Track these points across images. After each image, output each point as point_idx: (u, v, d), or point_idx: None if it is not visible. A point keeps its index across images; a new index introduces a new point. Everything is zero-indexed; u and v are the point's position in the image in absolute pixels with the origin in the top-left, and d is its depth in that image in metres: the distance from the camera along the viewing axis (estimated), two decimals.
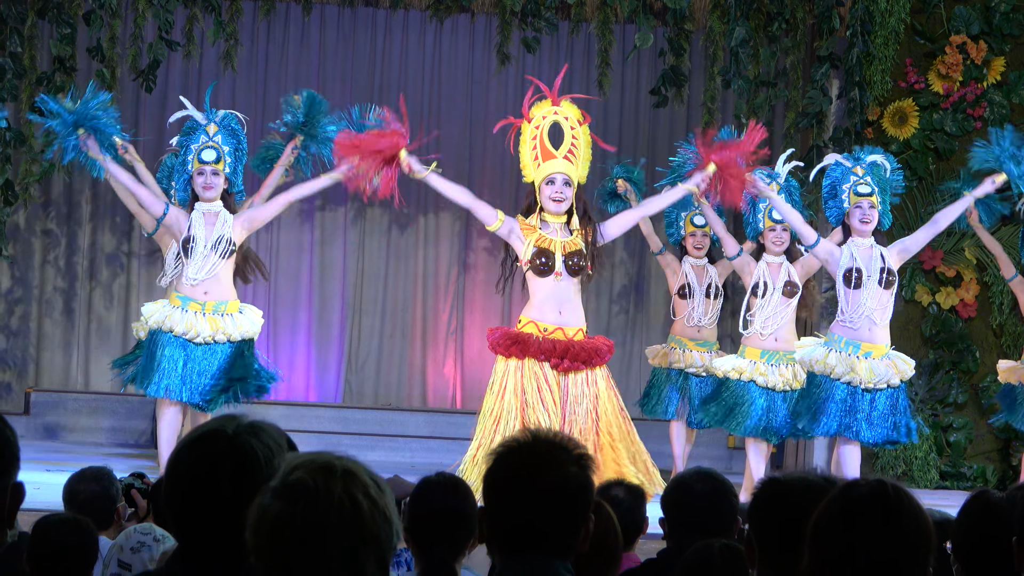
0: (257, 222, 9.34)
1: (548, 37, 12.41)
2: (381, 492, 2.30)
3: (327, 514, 2.24)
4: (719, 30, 11.86)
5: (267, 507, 2.26)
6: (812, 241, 9.23)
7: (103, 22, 11.52)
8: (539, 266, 8.29)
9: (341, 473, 2.27)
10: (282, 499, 2.26)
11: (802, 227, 9.27)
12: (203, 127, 9.21)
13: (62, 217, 13.42)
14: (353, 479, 2.28)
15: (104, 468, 5.30)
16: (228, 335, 9.08)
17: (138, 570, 4.25)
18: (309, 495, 2.25)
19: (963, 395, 12.06)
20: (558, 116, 8.53)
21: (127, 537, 4.35)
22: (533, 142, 8.48)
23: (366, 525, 2.26)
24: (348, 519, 2.25)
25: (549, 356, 8.21)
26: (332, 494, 2.25)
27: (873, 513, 2.48)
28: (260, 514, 2.27)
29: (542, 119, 8.51)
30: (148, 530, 4.35)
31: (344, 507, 2.25)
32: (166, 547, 4.32)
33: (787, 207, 9.37)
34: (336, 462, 2.29)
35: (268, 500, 2.27)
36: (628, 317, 13.83)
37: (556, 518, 2.85)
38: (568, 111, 8.57)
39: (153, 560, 4.27)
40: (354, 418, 12.83)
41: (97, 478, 5.18)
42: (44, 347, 13.38)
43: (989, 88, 12.15)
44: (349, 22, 13.63)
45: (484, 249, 13.63)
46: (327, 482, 2.26)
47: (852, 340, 9.10)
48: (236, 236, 9.16)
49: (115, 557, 4.34)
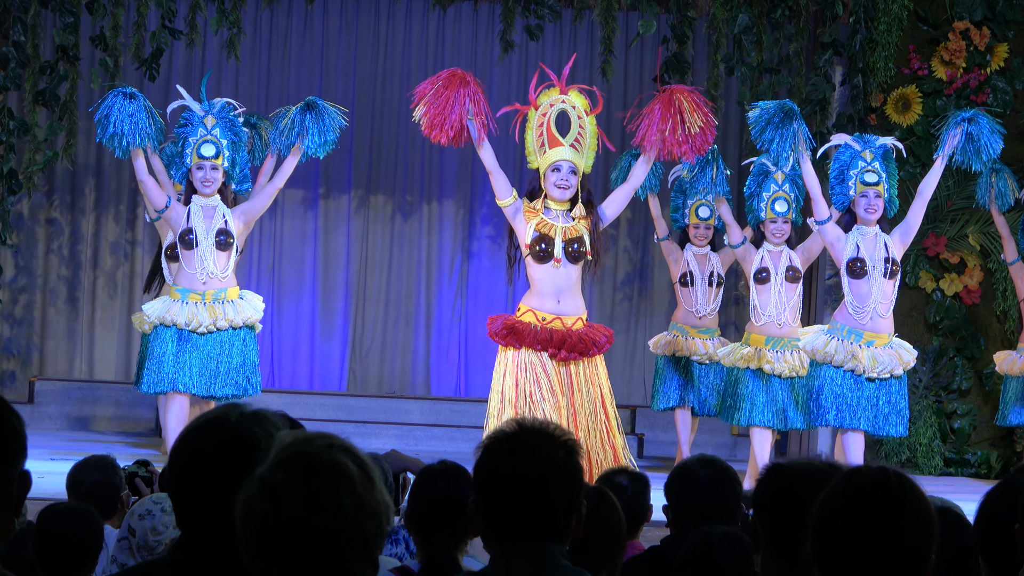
0: (253, 214, 9.32)
1: (551, 24, 12.41)
2: (370, 485, 2.29)
3: (309, 516, 2.24)
4: (722, 17, 11.85)
5: (252, 505, 2.27)
6: (824, 217, 9.20)
7: (106, 11, 11.52)
8: (539, 252, 8.27)
9: (327, 470, 2.27)
10: (265, 499, 2.26)
11: (819, 199, 9.19)
12: (200, 119, 9.20)
13: (66, 206, 13.43)
14: (339, 476, 2.27)
15: (107, 456, 5.30)
16: (230, 321, 9.08)
17: (140, 536, 4.26)
18: (291, 496, 2.24)
19: (967, 382, 12.06)
20: (565, 105, 8.49)
21: (140, 503, 4.35)
22: (540, 129, 8.44)
23: (349, 525, 2.26)
24: (331, 520, 2.25)
25: (546, 346, 8.18)
26: (315, 495, 2.24)
27: (877, 501, 2.48)
28: (246, 510, 2.28)
29: (549, 107, 8.47)
30: (160, 499, 4.35)
31: (327, 508, 2.24)
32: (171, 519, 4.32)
33: (812, 174, 9.28)
34: (324, 455, 2.29)
35: (254, 495, 2.27)
36: (632, 304, 13.83)
37: (547, 503, 2.88)
38: (576, 100, 8.54)
39: (155, 530, 4.28)
40: (358, 406, 12.85)
41: (101, 467, 5.18)
42: (48, 336, 13.39)
43: (992, 74, 12.14)
44: (352, 10, 13.63)
45: (487, 236, 13.63)
46: (310, 481, 2.25)
47: (855, 328, 9.11)
48: (235, 229, 9.15)
49: (127, 521, 4.34)
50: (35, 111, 11.64)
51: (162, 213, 9.22)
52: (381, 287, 13.73)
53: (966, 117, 9.31)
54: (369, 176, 13.70)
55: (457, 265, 13.71)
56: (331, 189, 13.65)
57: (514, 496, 2.88)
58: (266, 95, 13.48)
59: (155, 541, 4.27)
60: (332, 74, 13.53)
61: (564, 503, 2.89)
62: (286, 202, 13.59)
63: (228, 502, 2.42)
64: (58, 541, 4.17)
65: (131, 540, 4.30)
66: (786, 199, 9.89)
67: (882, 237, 9.18)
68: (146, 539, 4.28)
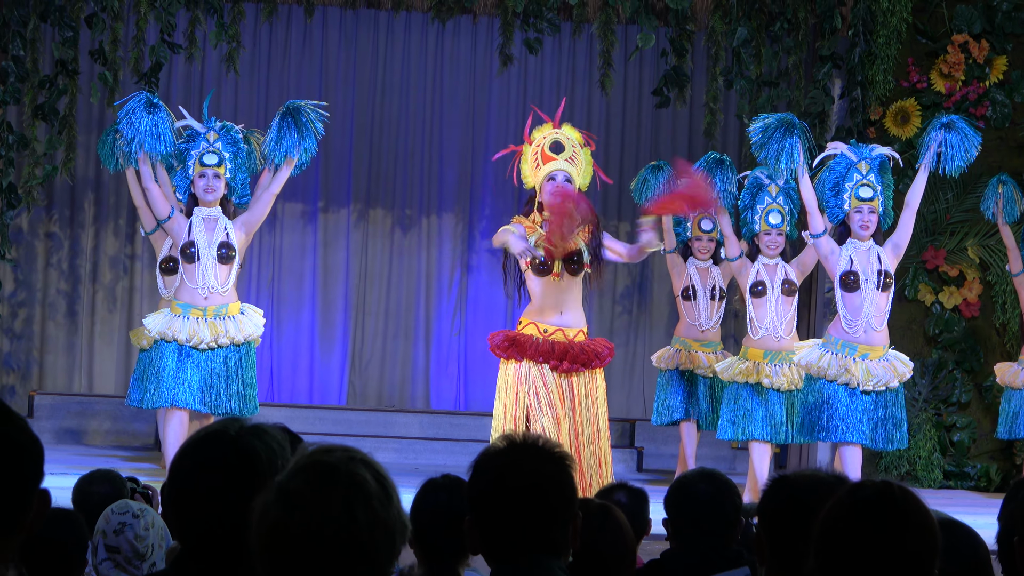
0: (253, 224, 9.33)
1: (550, 38, 12.41)
2: (387, 501, 2.28)
3: (322, 527, 2.23)
4: (721, 30, 11.86)
5: (267, 511, 2.26)
6: (820, 231, 9.19)
7: (105, 25, 11.53)
8: (538, 266, 8.27)
9: (345, 481, 2.26)
10: (279, 506, 2.25)
11: (815, 213, 9.18)
12: (203, 135, 9.24)
13: (65, 220, 13.43)
14: (356, 490, 2.25)
15: (112, 470, 5.31)
16: (231, 338, 9.10)
17: (126, 550, 4.25)
18: (305, 505, 2.24)
19: (966, 394, 12.05)
20: (560, 136, 8.52)
21: (106, 521, 4.34)
22: (534, 155, 8.47)
23: (363, 541, 2.25)
24: (343, 533, 2.23)
25: (548, 358, 8.18)
26: (329, 506, 2.24)
27: (879, 515, 2.48)
28: (260, 516, 2.27)
29: (543, 138, 8.50)
30: (124, 508, 4.35)
31: (340, 521, 2.23)
32: (146, 520, 4.33)
33: (810, 188, 9.27)
34: (343, 467, 2.27)
35: (270, 501, 2.26)
36: (631, 318, 13.83)
37: (541, 517, 2.88)
38: (569, 132, 8.57)
39: (138, 537, 4.27)
40: (357, 420, 12.83)
41: (108, 479, 5.18)
42: (48, 350, 13.39)
43: (991, 87, 12.15)
44: (351, 23, 13.64)
45: (487, 250, 13.62)
46: (326, 492, 2.24)
47: (848, 342, 9.09)
48: (237, 241, 9.17)
49: (100, 543, 4.34)
50: (34, 125, 11.64)
51: (163, 223, 9.23)
52: (380, 301, 13.73)
53: (943, 123, 9.31)
54: (368, 190, 13.70)
55: (456, 278, 13.71)
56: (330, 203, 13.65)
57: (508, 512, 2.87)
58: (266, 109, 13.48)
59: (144, 547, 4.27)
60: (331, 87, 13.54)
61: (559, 516, 2.89)
62: (285, 216, 13.59)
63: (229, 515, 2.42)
64: (46, 547, 4.17)
65: (116, 557, 4.29)
66: (780, 211, 9.90)
67: (876, 250, 9.17)
68: (134, 550, 4.28)
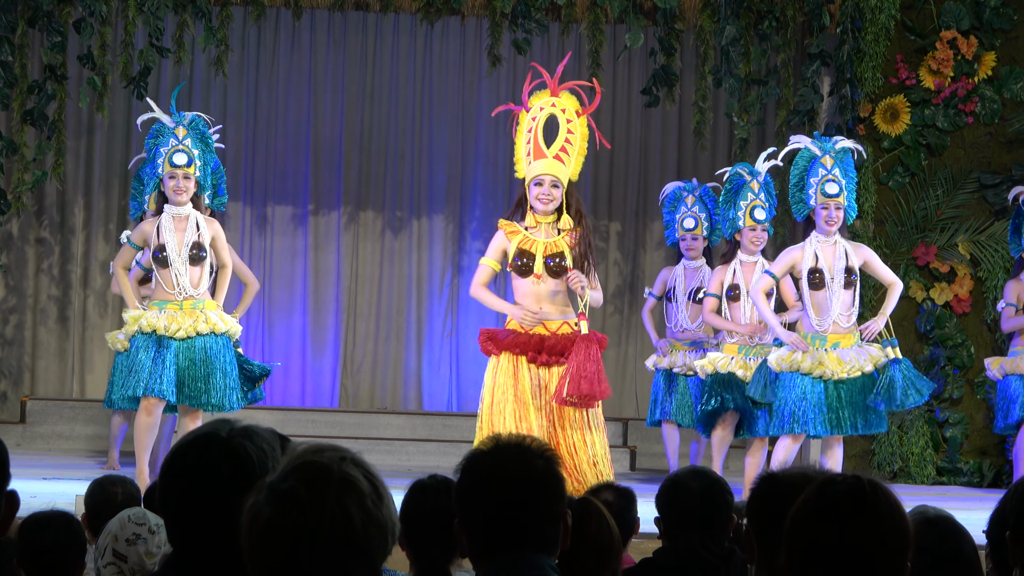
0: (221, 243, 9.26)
1: (539, 38, 12.42)
2: (379, 499, 2.28)
3: (317, 525, 2.23)
4: (709, 29, 11.88)
5: (259, 511, 2.26)
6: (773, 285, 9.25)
7: (93, 30, 11.52)
8: (519, 266, 8.26)
9: (337, 481, 2.26)
10: (273, 506, 2.25)
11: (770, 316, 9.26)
12: (171, 130, 9.18)
13: (55, 225, 13.41)
14: (349, 488, 2.26)
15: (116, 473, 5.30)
16: (212, 325, 9.01)
17: (134, 562, 4.25)
18: (300, 504, 2.24)
19: (958, 391, 12.07)
20: (555, 108, 8.46)
21: (121, 526, 4.33)
22: (528, 135, 8.42)
23: (357, 538, 2.25)
24: (339, 531, 2.24)
25: (524, 350, 8.15)
26: (324, 505, 2.24)
27: (849, 509, 2.46)
28: (252, 517, 2.27)
29: (539, 110, 8.45)
30: (142, 519, 4.33)
31: (335, 519, 2.23)
32: (160, 538, 4.32)
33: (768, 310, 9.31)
34: (335, 467, 2.28)
35: (262, 502, 2.26)
36: (623, 317, 13.83)
37: (530, 514, 2.88)
38: (566, 103, 8.51)
39: (149, 554, 4.26)
40: (350, 422, 12.83)
41: (122, 481, 5.18)
42: (39, 355, 13.37)
43: (980, 83, 12.17)
44: (340, 26, 13.63)
45: (478, 251, 13.61)
46: (320, 491, 2.24)
47: (819, 335, 9.03)
48: (207, 239, 9.07)
49: (109, 546, 4.32)
50: (23, 131, 11.64)
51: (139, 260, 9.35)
52: (372, 303, 13.73)
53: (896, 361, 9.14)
54: (359, 192, 13.69)
55: (447, 280, 13.71)
56: (321, 206, 13.64)
57: (497, 510, 2.87)
58: (254, 112, 13.48)
59: (152, 565, 4.26)
60: (320, 90, 13.54)
61: (547, 513, 2.89)
62: (276, 219, 13.59)
63: (220, 517, 2.42)
64: (44, 550, 4.16)
65: (123, 565, 4.28)
66: (763, 207, 9.91)
67: (842, 245, 9.06)
68: (141, 566, 4.27)
